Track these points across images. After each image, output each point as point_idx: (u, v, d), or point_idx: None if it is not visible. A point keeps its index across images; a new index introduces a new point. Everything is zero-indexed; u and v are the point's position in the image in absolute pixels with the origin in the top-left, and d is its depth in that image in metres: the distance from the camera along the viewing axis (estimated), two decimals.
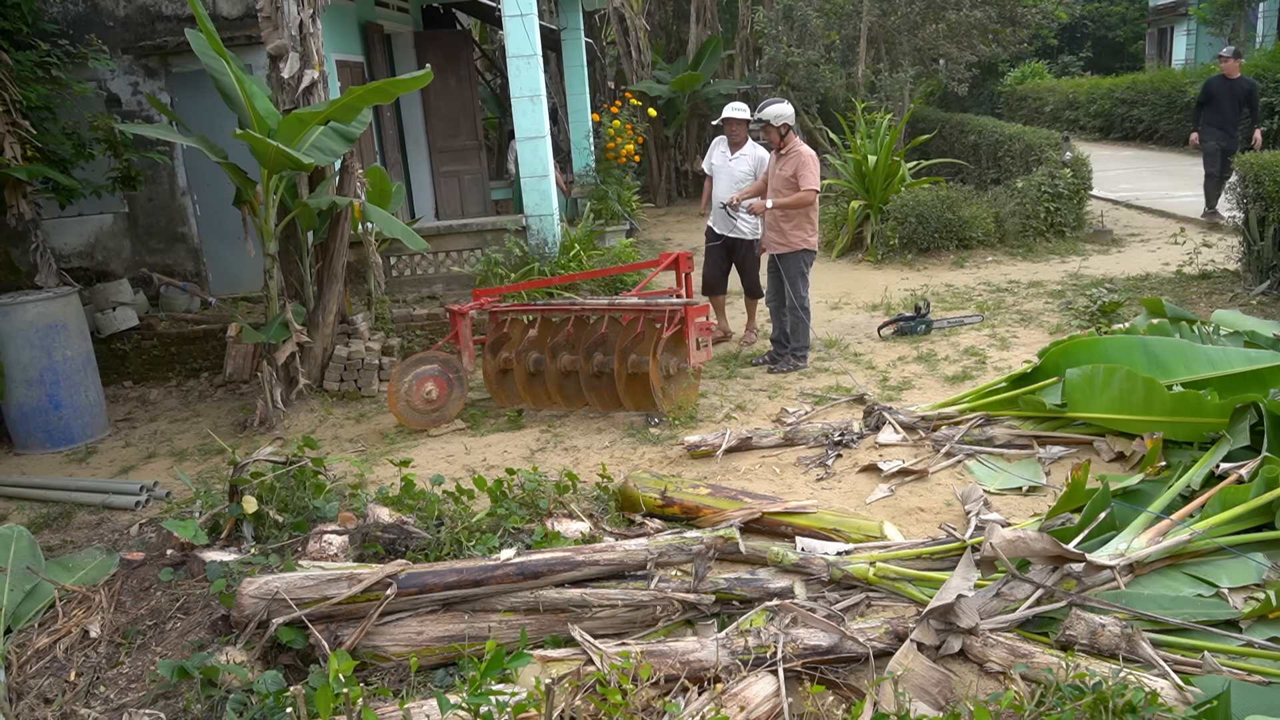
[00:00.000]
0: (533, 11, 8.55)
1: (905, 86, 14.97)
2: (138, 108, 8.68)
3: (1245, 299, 7.61)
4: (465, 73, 11.69)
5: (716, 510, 4.13)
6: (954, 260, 10.29)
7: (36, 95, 6.68)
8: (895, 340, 7.39)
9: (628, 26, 16.66)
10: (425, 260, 9.27)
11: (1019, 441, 4.92)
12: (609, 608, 3.32)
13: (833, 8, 16.10)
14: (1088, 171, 11.22)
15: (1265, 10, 22.27)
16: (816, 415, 5.70)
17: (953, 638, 3.03)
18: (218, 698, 2.96)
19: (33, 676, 3.26)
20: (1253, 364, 4.49)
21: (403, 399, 5.99)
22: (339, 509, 4.17)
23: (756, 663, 2.99)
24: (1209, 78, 11.87)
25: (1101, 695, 2.53)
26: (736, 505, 4.14)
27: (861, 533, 3.92)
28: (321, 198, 6.50)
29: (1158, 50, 28.06)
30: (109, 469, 5.96)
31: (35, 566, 3.80)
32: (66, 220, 8.71)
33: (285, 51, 6.39)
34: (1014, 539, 3.27)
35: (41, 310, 6.21)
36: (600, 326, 6.05)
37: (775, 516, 4.07)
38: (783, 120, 6.63)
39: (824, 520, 4.02)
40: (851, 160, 11.28)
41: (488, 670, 2.40)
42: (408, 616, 3.27)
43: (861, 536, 3.89)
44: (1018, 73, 25.74)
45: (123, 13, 8.61)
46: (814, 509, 4.10)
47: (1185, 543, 3.46)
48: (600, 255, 9.31)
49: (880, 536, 3.88)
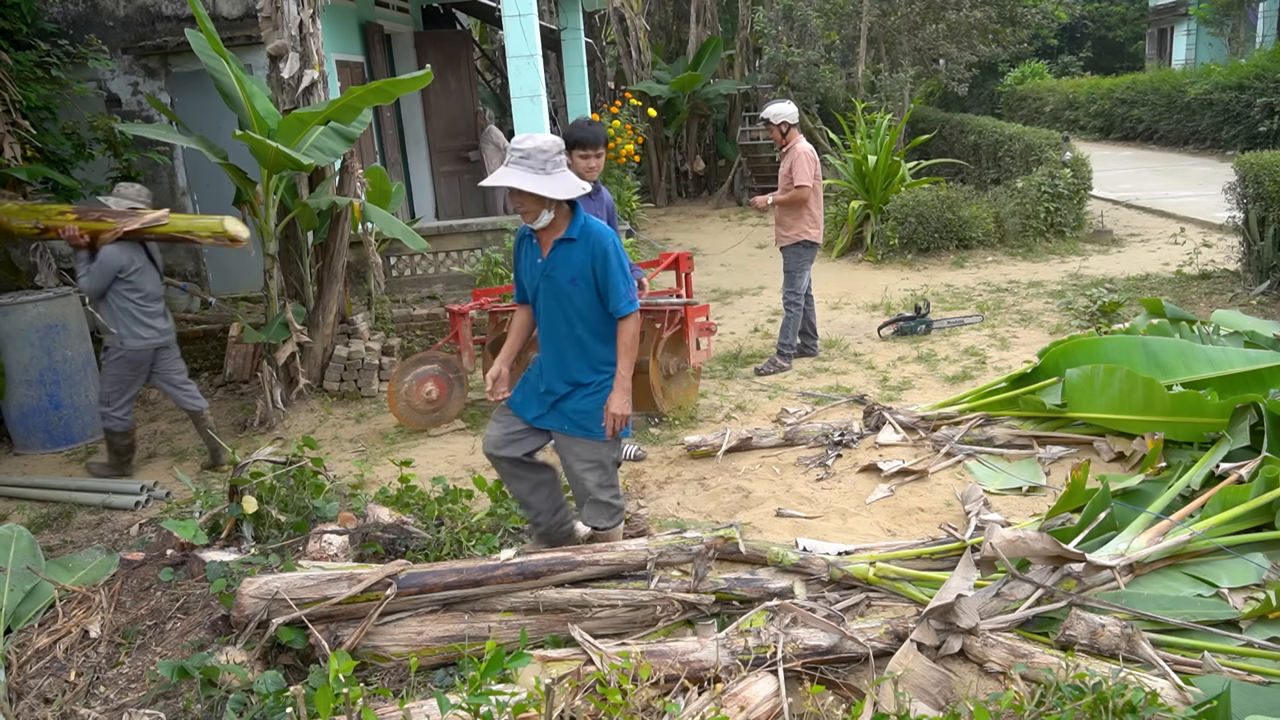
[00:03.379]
0: (532, 11, 8.55)
1: (905, 86, 14.97)
2: (138, 108, 8.67)
3: (1245, 299, 7.61)
4: (465, 73, 11.69)
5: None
6: (954, 260, 10.29)
7: (36, 95, 6.68)
8: (895, 340, 7.39)
9: (628, 26, 16.65)
10: (425, 260, 9.27)
11: (1019, 441, 4.92)
12: (609, 608, 3.32)
13: (833, 8, 16.10)
14: (1088, 171, 11.23)
15: (1265, 10, 22.27)
16: (816, 415, 5.70)
17: (953, 638, 3.03)
18: (218, 698, 2.96)
19: (33, 676, 3.26)
20: (1253, 364, 4.49)
21: (403, 399, 5.99)
22: (339, 509, 4.17)
23: (756, 663, 2.99)
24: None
25: (1101, 695, 2.53)
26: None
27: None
28: (321, 198, 6.50)
29: (1158, 50, 28.07)
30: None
31: (35, 566, 3.80)
32: None
33: (285, 51, 6.39)
34: (1014, 539, 3.27)
35: (41, 310, 6.21)
36: None
37: None
38: (782, 119, 6.67)
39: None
40: (851, 160, 11.28)
41: (488, 670, 2.40)
42: (408, 616, 3.27)
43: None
44: (1018, 73, 25.75)
45: (123, 13, 8.60)
46: None
47: (1185, 543, 3.46)
48: None
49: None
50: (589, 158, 4.59)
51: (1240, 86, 16.92)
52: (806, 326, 7.02)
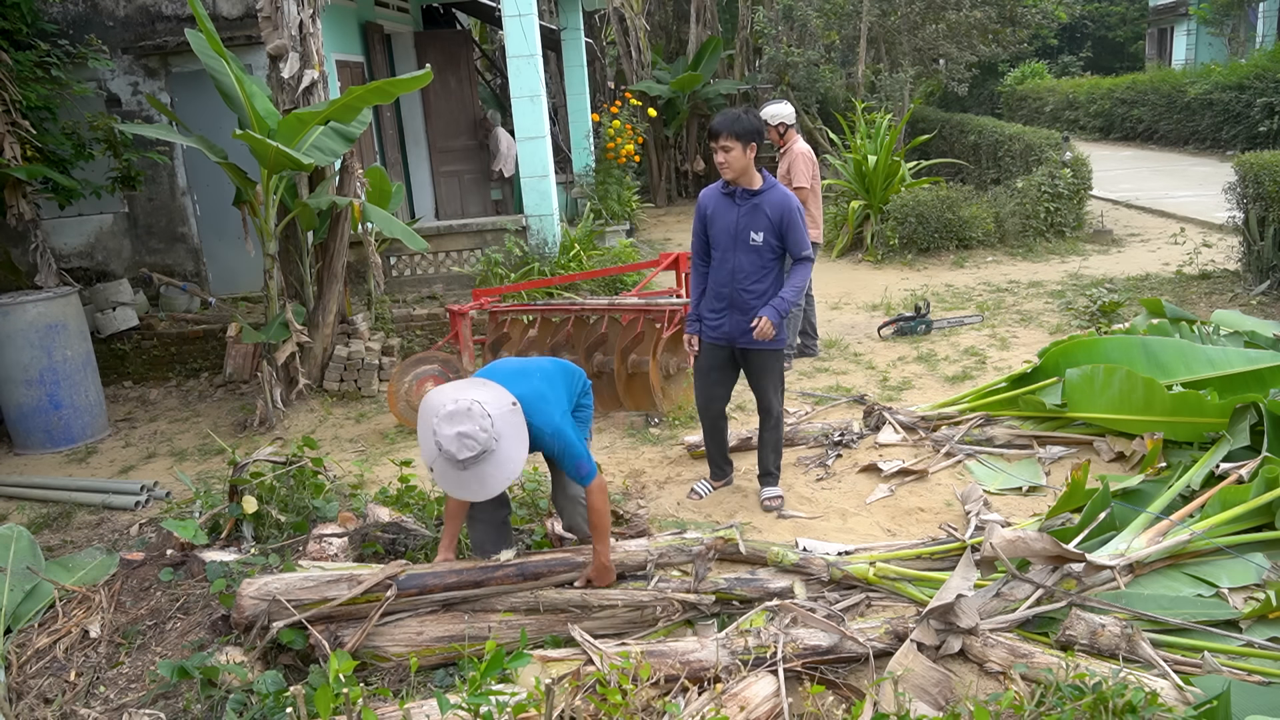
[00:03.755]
0: (532, 11, 8.55)
1: (905, 86, 14.97)
2: (138, 108, 8.67)
3: (1245, 299, 7.61)
4: (465, 73, 11.69)
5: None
6: (954, 260, 10.29)
7: (36, 95, 6.68)
8: (895, 340, 7.39)
9: (628, 26, 16.65)
10: (425, 260, 9.27)
11: (1019, 441, 4.92)
12: (609, 608, 3.32)
13: (833, 8, 16.10)
14: (1088, 171, 11.23)
15: (1265, 10, 22.27)
16: (816, 415, 5.70)
17: (953, 638, 3.03)
18: (218, 698, 2.96)
19: (33, 676, 3.26)
20: (1253, 364, 4.49)
21: (403, 399, 5.99)
22: (339, 509, 4.17)
23: (756, 663, 2.99)
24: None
25: (1101, 695, 2.53)
26: None
27: None
28: (321, 198, 6.50)
29: (1158, 50, 28.07)
30: (109, 469, 5.96)
31: (35, 566, 3.80)
32: (66, 220, 8.70)
33: (285, 51, 6.39)
34: (1014, 539, 3.27)
35: (41, 310, 6.21)
36: (600, 326, 6.05)
37: None
38: (779, 120, 6.65)
39: None
40: (851, 160, 11.28)
41: (488, 670, 2.40)
42: (408, 617, 3.27)
43: None
44: (1018, 73, 25.74)
45: (123, 13, 8.60)
46: None
47: (1185, 543, 3.46)
48: (600, 255, 9.31)
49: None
50: (717, 151, 4.12)
51: (1240, 86, 16.93)
52: (806, 326, 7.02)
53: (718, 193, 4.29)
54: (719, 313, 4.31)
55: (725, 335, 4.33)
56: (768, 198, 4.17)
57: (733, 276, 4.23)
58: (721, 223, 4.25)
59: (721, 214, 4.25)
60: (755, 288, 4.21)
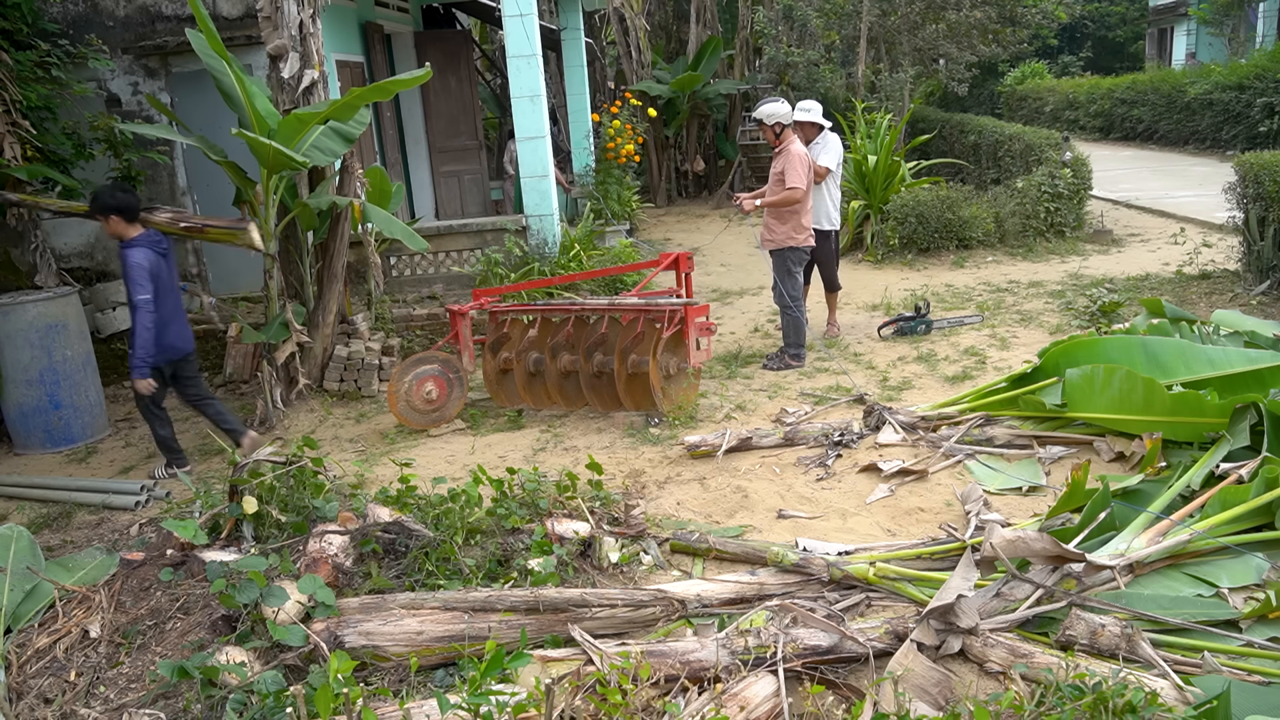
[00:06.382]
0: (533, 11, 8.55)
1: (905, 86, 14.97)
2: (138, 108, 8.67)
3: (1245, 299, 7.61)
4: (465, 73, 11.69)
5: None
6: (954, 260, 10.29)
7: (36, 95, 6.68)
8: (895, 340, 7.39)
9: (628, 26, 16.64)
10: (425, 260, 9.27)
11: (1019, 441, 4.92)
12: (609, 608, 3.32)
13: (833, 8, 16.10)
14: (1088, 171, 11.22)
15: (1265, 10, 22.28)
16: (816, 415, 5.70)
17: (953, 638, 3.03)
18: (218, 698, 2.96)
19: (33, 676, 3.26)
20: (1253, 364, 4.49)
21: (403, 399, 5.99)
22: (339, 509, 4.17)
23: (756, 663, 2.99)
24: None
25: (1101, 695, 2.53)
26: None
27: None
28: (321, 198, 6.50)
29: (1158, 50, 28.09)
30: (109, 469, 5.96)
31: (35, 566, 3.80)
32: (66, 220, 8.68)
33: (285, 51, 6.39)
34: (1014, 539, 3.27)
35: (41, 310, 6.21)
36: (600, 326, 6.05)
37: None
38: (775, 119, 6.65)
39: None
40: (851, 160, 11.27)
41: (488, 670, 2.40)
42: (408, 616, 3.27)
43: None
44: (1018, 73, 25.76)
45: (123, 13, 8.60)
46: None
47: (1185, 543, 3.46)
48: (600, 255, 9.31)
49: None
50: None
51: (1240, 86, 16.93)
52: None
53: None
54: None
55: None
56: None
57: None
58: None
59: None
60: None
